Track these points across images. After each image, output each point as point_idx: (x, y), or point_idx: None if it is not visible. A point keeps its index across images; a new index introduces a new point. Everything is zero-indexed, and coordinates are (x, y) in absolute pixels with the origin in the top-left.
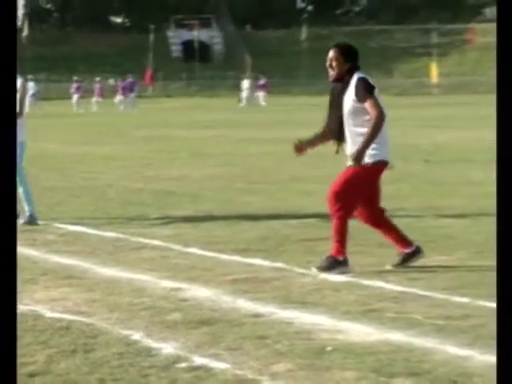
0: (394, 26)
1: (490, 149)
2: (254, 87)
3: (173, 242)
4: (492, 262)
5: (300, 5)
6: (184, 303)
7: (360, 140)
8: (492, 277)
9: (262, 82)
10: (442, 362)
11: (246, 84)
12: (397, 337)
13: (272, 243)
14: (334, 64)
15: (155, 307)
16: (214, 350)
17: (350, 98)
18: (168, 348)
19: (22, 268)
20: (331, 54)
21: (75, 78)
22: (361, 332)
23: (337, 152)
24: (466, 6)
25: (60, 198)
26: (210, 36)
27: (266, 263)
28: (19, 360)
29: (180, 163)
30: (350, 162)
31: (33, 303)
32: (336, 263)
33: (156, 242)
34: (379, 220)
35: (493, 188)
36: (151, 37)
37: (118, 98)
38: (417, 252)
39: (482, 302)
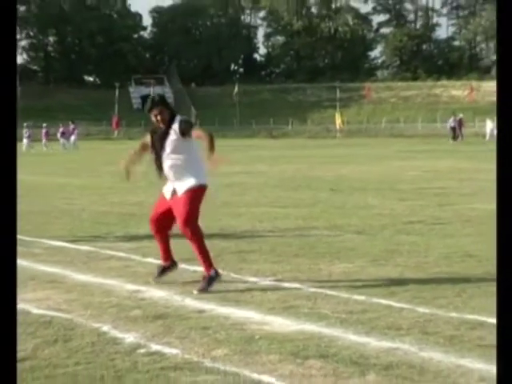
0: (306, 84)
1: (379, 180)
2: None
3: (134, 254)
4: (384, 268)
5: (233, 67)
6: (143, 302)
7: (184, 173)
8: (384, 278)
9: None
10: (345, 346)
11: None
12: (310, 327)
13: (211, 254)
14: (161, 119)
15: (120, 305)
16: (167, 339)
17: (172, 138)
18: (130, 337)
19: None
20: (156, 112)
21: (24, 124)
22: (282, 324)
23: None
24: (362, 69)
25: (44, 220)
26: (163, 91)
27: None
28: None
29: (140, 191)
30: (179, 191)
31: (23, 302)
32: (212, 279)
33: (121, 254)
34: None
35: (383, 210)
36: (116, 92)
37: (61, 140)
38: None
39: (376, 300)
